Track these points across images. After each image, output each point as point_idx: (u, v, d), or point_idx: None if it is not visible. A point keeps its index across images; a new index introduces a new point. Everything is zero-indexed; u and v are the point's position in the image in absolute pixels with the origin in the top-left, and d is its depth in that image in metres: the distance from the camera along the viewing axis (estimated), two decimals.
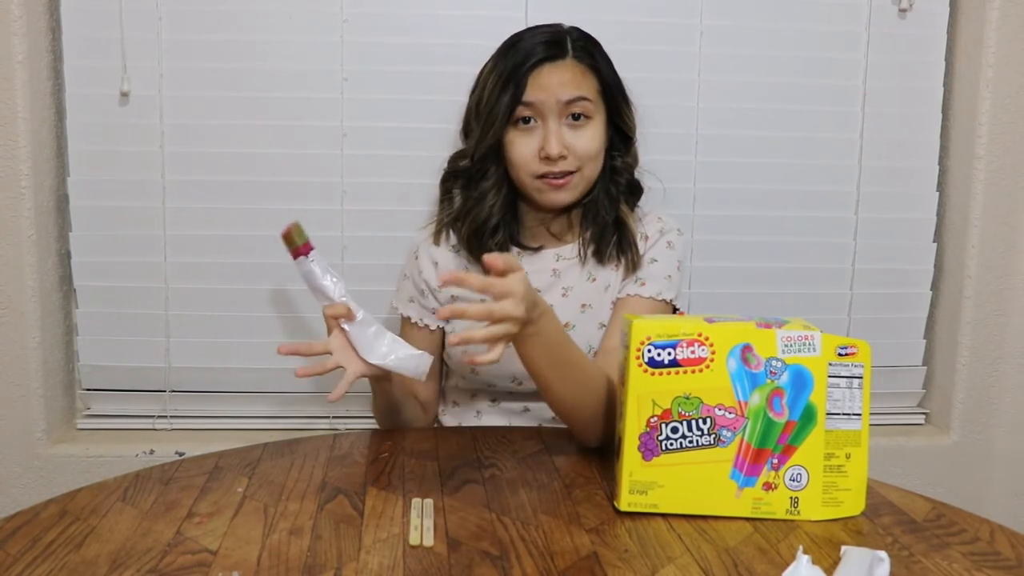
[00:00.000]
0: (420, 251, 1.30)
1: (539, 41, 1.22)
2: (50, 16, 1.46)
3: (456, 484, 1.00)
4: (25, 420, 1.48)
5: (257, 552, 0.83)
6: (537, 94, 1.20)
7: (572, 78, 1.21)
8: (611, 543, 0.86)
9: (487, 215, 1.25)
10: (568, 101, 1.19)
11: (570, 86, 1.20)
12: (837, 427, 0.93)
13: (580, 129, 1.21)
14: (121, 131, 1.49)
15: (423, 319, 1.30)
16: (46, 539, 0.86)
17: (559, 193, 1.21)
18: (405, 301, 1.32)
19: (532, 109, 1.20)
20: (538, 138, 1.20)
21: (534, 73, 1.20)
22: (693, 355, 0.92)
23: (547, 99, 1.19)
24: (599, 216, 1.26)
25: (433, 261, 1.29)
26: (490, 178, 1.25)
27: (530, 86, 1.20)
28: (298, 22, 1.49)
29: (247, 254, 1.53)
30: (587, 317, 1.26)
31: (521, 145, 1.21)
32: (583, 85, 1.21)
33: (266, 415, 1.58)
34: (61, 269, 1.52)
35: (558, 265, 1.28)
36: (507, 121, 1.21)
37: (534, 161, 1.20)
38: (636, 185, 1.30)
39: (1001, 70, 1.54)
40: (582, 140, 1.20)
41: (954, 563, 0.84)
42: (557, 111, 1.19)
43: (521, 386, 1.27)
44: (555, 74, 1.20)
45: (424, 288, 1.29)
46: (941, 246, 1.65)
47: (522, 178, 1.22)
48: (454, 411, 1.35)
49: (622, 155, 1.28)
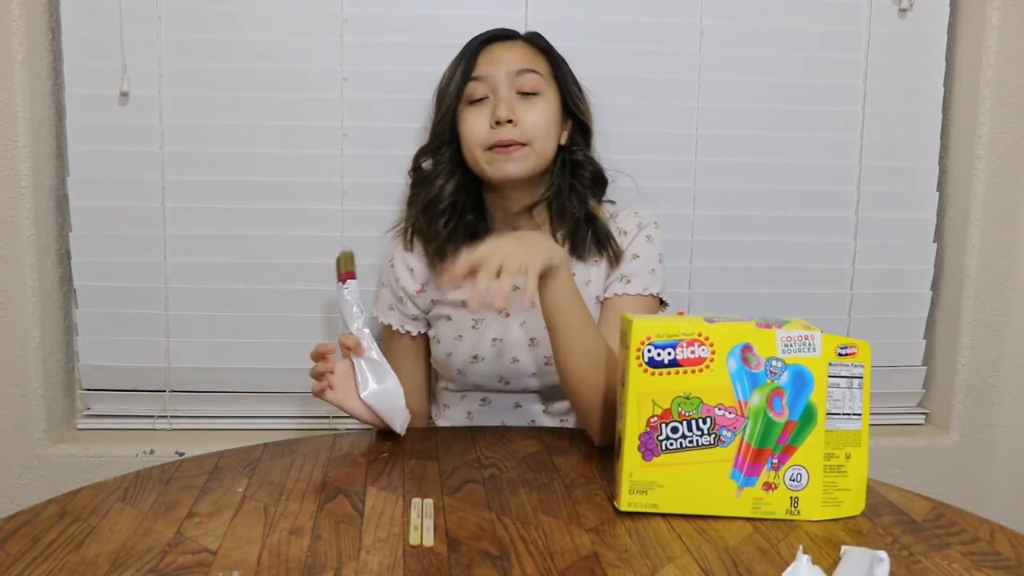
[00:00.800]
0: (395, 259, 1.32)
1: (492, 28, 1.29)
2: (50, 16, 1.46)
3: (456, 484, 1.00)
4: (25, 420, 1.48)
5: (257, 552, 0.83)
6: (487, 68, 1.23)
7: (523, 54, 1.25)
8: (611, 543, 0.87)
9: (436, 195, 1.26)
10: (518, 71, 1.23)
11: (521, 60, 1.24)
12: (837, 427, 0.93)
13: (531, 102, 1.23)
14: (121, 131, 1.49)
15: (404, 326, 1.32)
16: (46, 539, 0.86)
17: (508, 163, 1.21)
18: (385, 309, 1.34)
19: (484, 84, 1.23)
20: (489, 111, 1.22)
21: (485, 50, 1.25)
22: (693, 355, 0.92)
23: (496, 72, 1.23)
24: (567, 212, 1.27)
25: (408, 268, 1.30)
26: (442, 159, 1.27)
27: (480, 62, 1.24)
28: (298, 22, 1.49)
29: (247, 254, 1.53)
30: None
31: (472, 120, 1.23)
32: (534, 61, 1.25)
33: (266, 415, 1.58)
34: (61, 269, 1.52)
35: None
36: (459, 98, 1.24)
37: (485, 133, 1.22)
38: (600, 176, 1.31)
39: (1001, 70, 1.54)
40: (533, 113, 1.22)
41: (954, 563, 0.84)
42: (507, 83, 1.22)
43: (509, 385, 1.28)
44: (506, 50, 1.25)
45: (402, 295, 1.31)
46: (941, 246, 1.65)
47: (474, 154, 1.23)
48: (446, 414, 1.36)
49: (582, 148, 1.30)
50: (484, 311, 1.26)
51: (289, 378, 1.55)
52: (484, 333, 1.26)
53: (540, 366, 1.25)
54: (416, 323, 1.32)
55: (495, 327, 1.26)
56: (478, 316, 1.26)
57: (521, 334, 1.25)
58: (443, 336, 1.29)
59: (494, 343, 1.25)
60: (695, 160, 1.57)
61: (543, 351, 1.24)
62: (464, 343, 1.27)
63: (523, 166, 1.22)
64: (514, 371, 1.26)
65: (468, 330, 1.27)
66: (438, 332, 1.29)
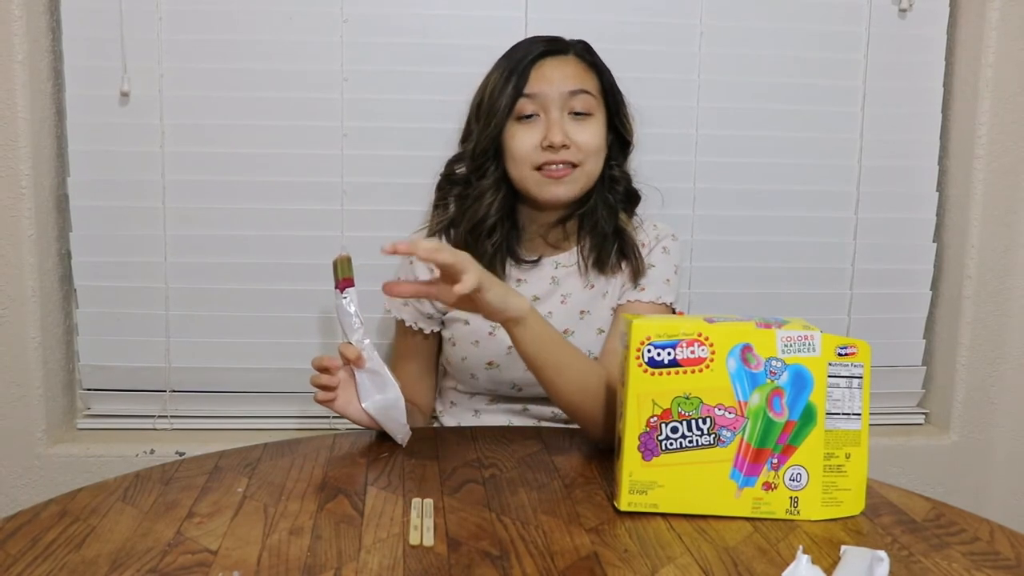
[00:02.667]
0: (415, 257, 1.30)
1: (541, 40, 1.25)
2: (50, 16, 1.46)
3: (456, 484, 1.00)
4: (25, 420, 1.48)
5: (257, 552, 0.83)
6: (540, 85, 1.20)
7: (575, 72, 1.22)
8: (611, 543, 0.87)
9: (484, 213, 1.24)
10: (572, 92, 1.20)
11: (573, 79, 1.21)
12: (837, 427, 0.93)
13: (583, 123, 1.21)
14: (121, 131, 1.49)
15: (417, 323, 1.30)
16: (46, 539, 0.86)
17: (559, 186, 1.21)
18: (399, 304, 1.32)
19: (535, 102, 1.20)
20: (540, 131, 1.20)
21: (537, 65, 1.21)
22: (693, 355, 0.92)
23: (550, 91, 1.20)
24: (598, 226, 1.26)
25: (431, 269, 1.29)
26: (489, 176, 1.24)
27: (533, 78, 1.21)
28: (298, 22, 1.49)
29: (247, 254, 1.53)
30: (586, 323, 1.26)
31: (523, 137, 1.21)
32: (586, 80, 1.23)
33: (266, 415, 1.58)
34: (61, 269, 1.52)
35: (557, 272, 1.28)
36: (509, 114, 1.21)
37: (535, 152, 1.20)
38: (634, 193, 1.31)
39: (1001, 70, 1.54)
40: (585, 134, 1.20)
41: (954, 563, 0.84)
42: (560, 103, 1.20)
43: (521, 392, 1.27)
44: (558, 67, 1.21)
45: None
46: (941, 246, 1.65)
47: (522, 172, 1.22)
48: (452, 411, 1.35)
49: (619, 164, 1.29)
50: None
51: (289, 378, 1.55)
52: (501, 340, 1.24)
53: None
54: (431, 322, 1.31)
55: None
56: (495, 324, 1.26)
57: None
58: (459, 339, 1.28)
59: (509, 351, 1.24)
60: (695, 160, 1.57)
61: None
62: (480, 349, 1.26)
63: (572, 189, 1.22)
64: (527, 379, 1.25)
65: (485, 336, 1.26)
66: (454, 335, 1.29)
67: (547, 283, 1.28)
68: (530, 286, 1.27)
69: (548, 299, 1.27)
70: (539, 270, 1.28)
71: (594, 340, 1.26)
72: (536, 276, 1.27)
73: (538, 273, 1.28)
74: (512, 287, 1.17)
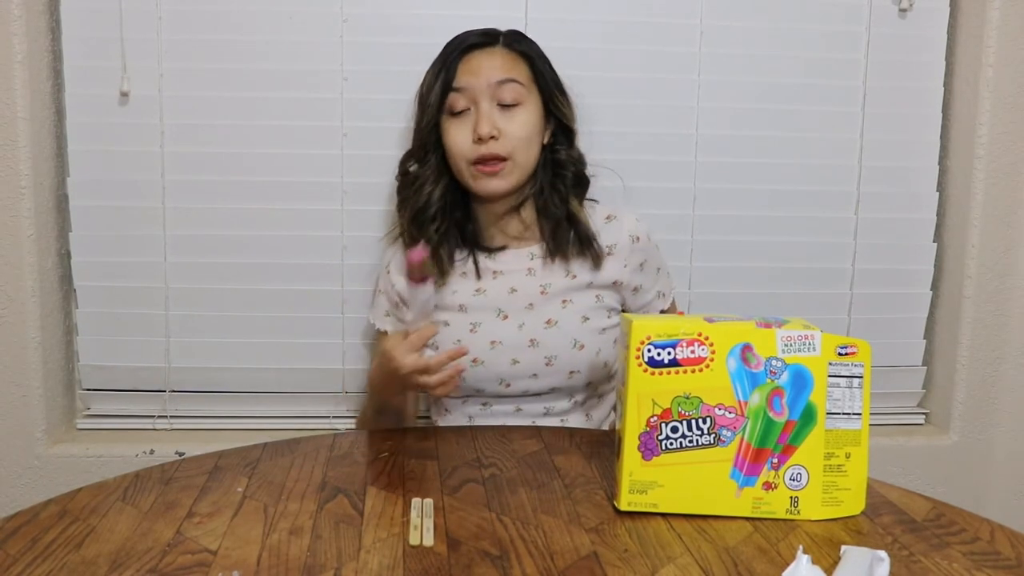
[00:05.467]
0: (391, 265, 1.33)
1: (473, 33, 1.28)
2: (50, 16, 1.46)
3: (456, 484, 1.00)
4: (25, 420, 1.48)
5: (257, 552, 0.83)
6: (467, 78, 1.24)
7: (503, 63, 1.25)
8: (611, 543, 0.86)
9: (425, 201, 1.27)
10: (499, 82, 1.23)
11: (500, 69, 1.24)
12: (837, 427, 0.93)
13: (512, 113, 1.24)
14: (121, 131, 1.49)
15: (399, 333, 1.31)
16: (46, 539, 0.86)
17: (492, 180, 1.24)
18: (381, 316, 1.34)
19: (464, 96, 1.24)
20: (471, 124, 1.23)
21: (464, 59, 1.25)
22: (693, 355, 0.92)
23: (477, 83, 1.23)
24: (549, 211, 1.28)
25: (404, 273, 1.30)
26: (428, 166, 1.28)
27: (460, 71, 1.24)
28: (298, 22, 1.49)
29: (247, 254, 1.53)
30: (569, 312, 1.27)
31: (455, 132, 1.24)
32: (514, 69, 1.25)
33: (266, 415, 1.57)
34: (61, 269, 1.52)
35: (532, 264, 1.30)
36: (440, 107, 1.25)
37: (468, 146, 1.23)
38: (582, 177, 1.32)
39: (1001, 70, 1.54)
40: (513, 124, 1.23)
41: (954, 563, 0.84)
42: (488, 94, 1.23)
43: (509, 388, 1.28)
44: (485, 59, 1.25)
45: (398, 301, 1.32)
46: (941, 246, 1.65)
47: (459, 166, 1.25)
48: (447, 419, 1.35)
49: (566, 148, 1.30)
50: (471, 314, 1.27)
51: (289, 378, 1.55)
52: (482, 336, 1.26)
53: (540, 367, 1.25)
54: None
55: (493, 330, 1.26)
56: (476, 321, 1.26)
57: (520, 336, 1.26)
58: (441, 341, 1.28)
59: (492, 345, 1.25)
60: (695, 160, 1.57)
61: (543, 352, 1.25)
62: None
63: (507, 182, 1.24)
64: (514, 373, 1.26)
65: (466, 334, 1.27)
66: (436, 339, 1.29)
67: (523, 274, 1.29)
68: (507, 278, 1.29)
69: (527, 290, 1.28)
70: (516, 261, 1.30)
71: (579, 328, 1.27)
72: (512, 267, 1.29)
73: (515, 264, 1.29)
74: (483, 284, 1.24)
